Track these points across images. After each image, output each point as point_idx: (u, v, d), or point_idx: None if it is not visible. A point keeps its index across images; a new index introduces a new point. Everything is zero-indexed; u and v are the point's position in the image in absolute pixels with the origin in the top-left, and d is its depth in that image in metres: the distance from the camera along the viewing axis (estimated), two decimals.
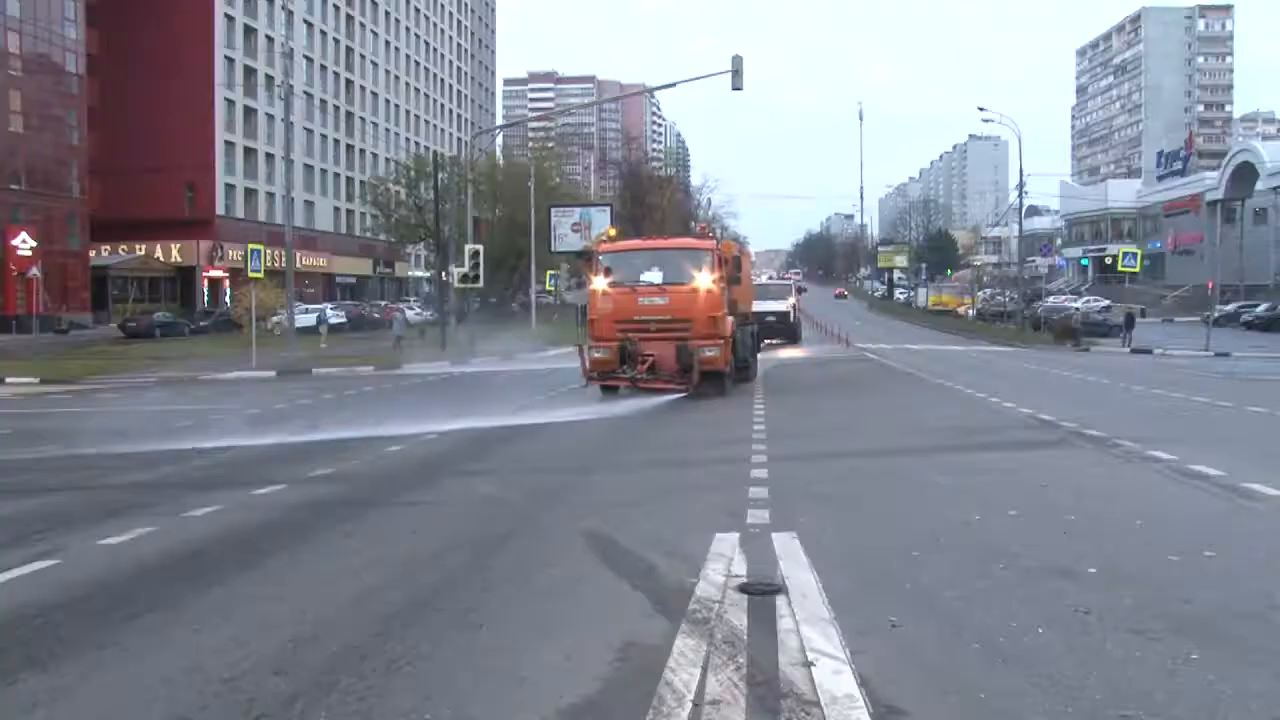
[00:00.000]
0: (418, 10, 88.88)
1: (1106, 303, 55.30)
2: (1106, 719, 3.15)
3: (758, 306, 38.49)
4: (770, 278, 67.57)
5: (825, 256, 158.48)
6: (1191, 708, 3.21)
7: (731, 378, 16.16)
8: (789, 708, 3.23)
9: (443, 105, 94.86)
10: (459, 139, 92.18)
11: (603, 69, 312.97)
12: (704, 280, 15.22)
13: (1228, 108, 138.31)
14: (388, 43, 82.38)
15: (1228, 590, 4.57)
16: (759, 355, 30.32)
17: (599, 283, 15.61)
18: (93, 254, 54.78)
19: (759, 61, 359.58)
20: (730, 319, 15.96)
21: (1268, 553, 5.31)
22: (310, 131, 68.61)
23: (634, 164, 71.63)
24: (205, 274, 59.76)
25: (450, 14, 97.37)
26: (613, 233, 19.09)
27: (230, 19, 60.74)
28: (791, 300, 40.83)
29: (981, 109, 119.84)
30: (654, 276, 15.54)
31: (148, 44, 55.15)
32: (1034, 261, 65.14)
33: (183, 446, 10.38)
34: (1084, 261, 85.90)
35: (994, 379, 20.38)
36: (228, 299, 56.20)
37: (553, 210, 44.50)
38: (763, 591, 4.56)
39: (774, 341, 35.43)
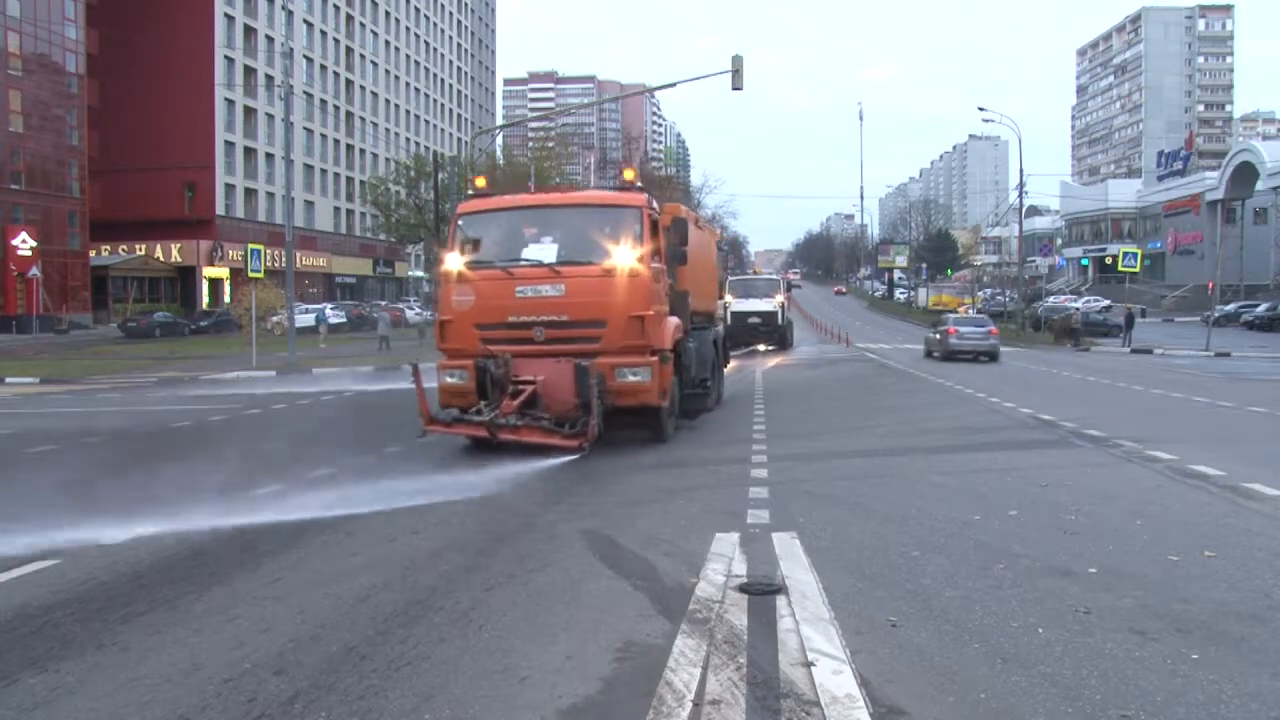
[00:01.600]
0: (418, 10, 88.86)
1: (1106, 302, 55.36)
2: (1107, 719, 3.15)
3: (739, 306, 32.67)
4: (755, 270, 59.59)
5: (825, 256, 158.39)
6: (1191, 708, 3.21)
7: (674, 414, 10.52)
8: (789, 708, 3.23)
9: (443, 105, 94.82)
10: (459, 139, 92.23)
11: (603, 69, 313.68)
12: (625, 258, 9.35)
13: (1228, 108, 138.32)
14: (388, 43, 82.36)
15: (1228, 590, 4.57)
16: (747, 363, 28.80)
17: (453, 262, 9.70)
18: (93, 254, 54.77)
19: (759, 61, 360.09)
20: (673, 321, 10.38)
21: (1268, 553, 5.31)
22: (310, 131, 68.62)
23: (634, 164, 71.66)
24: (204, 273, 59.77)
25: (450, 14, 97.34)
26: (481, 183, 10.92)
27: (230, 19, 60.72)
28: (779, 298, 34.58)
29: (981, 109, 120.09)
30: (543, 253, 9.62)
31: (148, 44, 55.11)
32: (1034, 261, 65.12)
33: None
34: (1084, 261, 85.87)
35: (994, 379, 20.37)
36: (227, 299, 56.25)
37: None
38: (763, 591, 4.56)
39: (759, 348, 32.51)
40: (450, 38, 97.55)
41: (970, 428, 11.75)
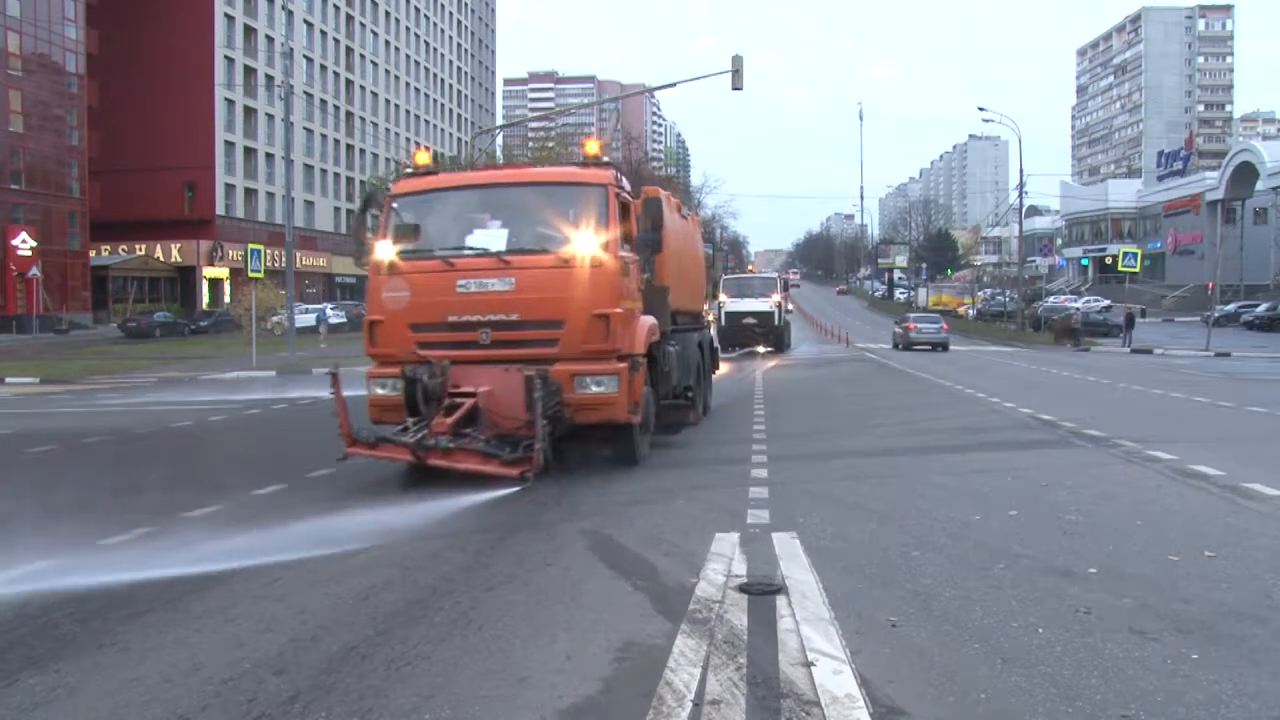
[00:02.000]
0: (418, 10, 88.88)
1: (1106, 303, 55.37)
2: (1107, 719, 3.15)
3: (733, 306, 31.58)
4: (750, 269, 57.21)
5: (825, 256, 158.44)
6: (1191, 708, 3.21)
7: (648, 430, 9.03)
8: (789, 708, 3.23)
9: (443, 105, 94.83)
10: (459, 139, 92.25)
11: (603, 69, 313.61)
12: (587, 245, 7.94)
13: (1228, 108, 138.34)
14: (388, 43, 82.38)
15: (1228, 590, 4.57)
16: (747, 363, 28.10)
17: (383, 252, 8.34)
18: (93, 254, 54.82)
19: (759, 61, 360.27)
20: (647, 321, 8.88)
21: (1268, 553, 5.31)
22: (310, 131, 68.64)
23: (634, 164, 71.56)
24: (204, 273, 59.77)
25: (450, 14, 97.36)
26: (423, 159, 9.29)
27: (230, 19, 60.74)
28: (776, 298, 32.74)
29: (981, 109, 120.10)
30: (490, 239, 8.23)
31: (148, 44, 55.17)
32: (1034, 261, 65.15)
33: None
34: (1084, 261, 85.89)
35: (994, 379, 20.38)
36: (227, 299, 56.25)
37: None
38: (763, 591, 4.56)
39: (754, 350, 31.43)
40: (450, 38, 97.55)
41: (970, 428, 11.75)
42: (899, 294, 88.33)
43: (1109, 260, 66.99)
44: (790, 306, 68.00)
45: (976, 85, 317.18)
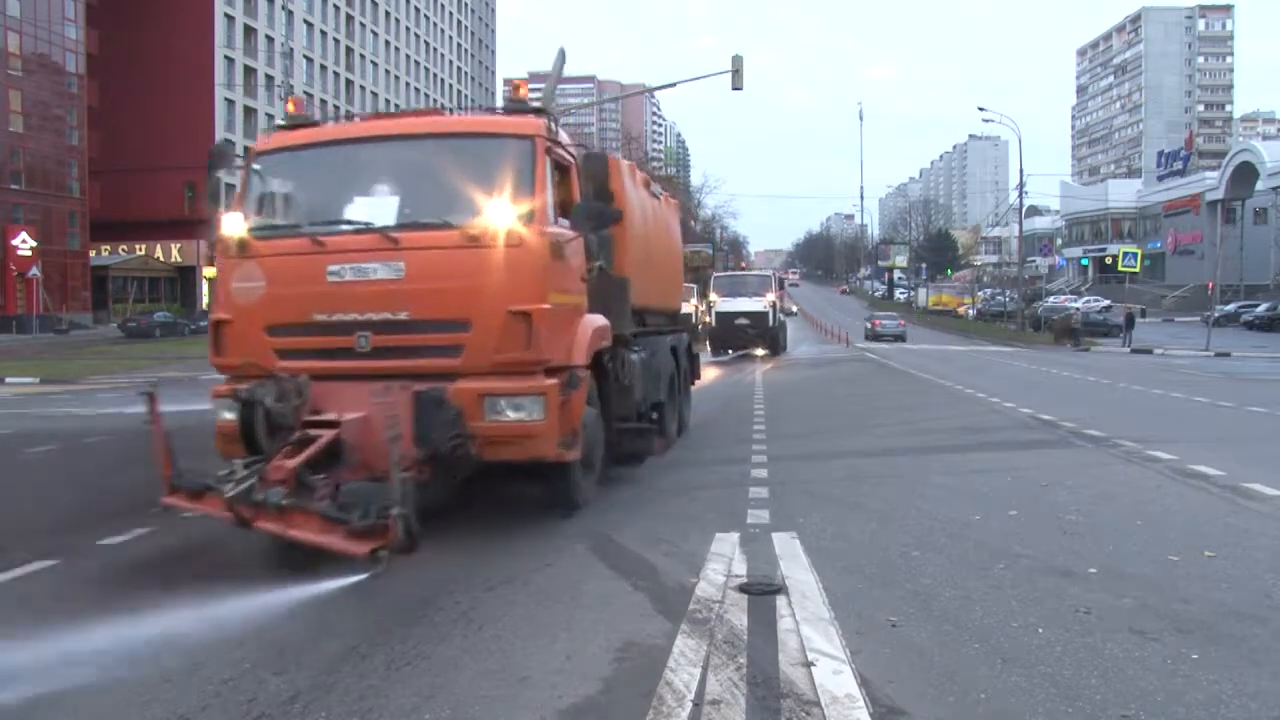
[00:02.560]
0: (418, 10, 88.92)
1: (1106, 303, 55.35)
2: (1107, 719, 3.15)
3: (725, 305, 29.63)
4: (743, 266, 52.62)
5: (825, 256, 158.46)
6: (1191, 708, 3.21)
7: (595, 466, 6.96)
8: (789, 708, 3.23)
9: (443, 105, 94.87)
10: None
11: (603, 69, 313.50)
12: (502, 216, 5.93)
13: (1228, 108, 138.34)
14: (388, 43, 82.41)
15: (1228, 590, 4.57)
16: (745, 364, 27.91)
17: (232, 228, 6.25)
18: (93, 254, 54.85)
19: (759, 61, 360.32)
20: (592, 322, 6.81)
21: (1268, 553, 5.31)
22: None
23: (634, 164, 71.66)
24: (204, 273, 59.76)
25: (450, 14, 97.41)
26: (291, 110, 7.02)
27: (230, 19, 60.77)
28: (770, 297, 30.21)
29: (981, 109, 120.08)
30: (375, 210, 6.22)
31: (148, 44, 55.18)
32: (1034, 261, 65.12)
33: None
34: (1084, 261, 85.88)
35: (994, 379, 20.37)
36: None
37: None
38: (763, 591, 4.56)
39: (747, 353, 29.83)
40: (450, 38, 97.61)
41: (970, 428, 11.75)
42: (899, 294, 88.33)
43: (1109, 260, 67.02)
44: (794, 308, 67.97)
45: (976, 85, 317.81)
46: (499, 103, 14.22)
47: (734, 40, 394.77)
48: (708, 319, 30.17)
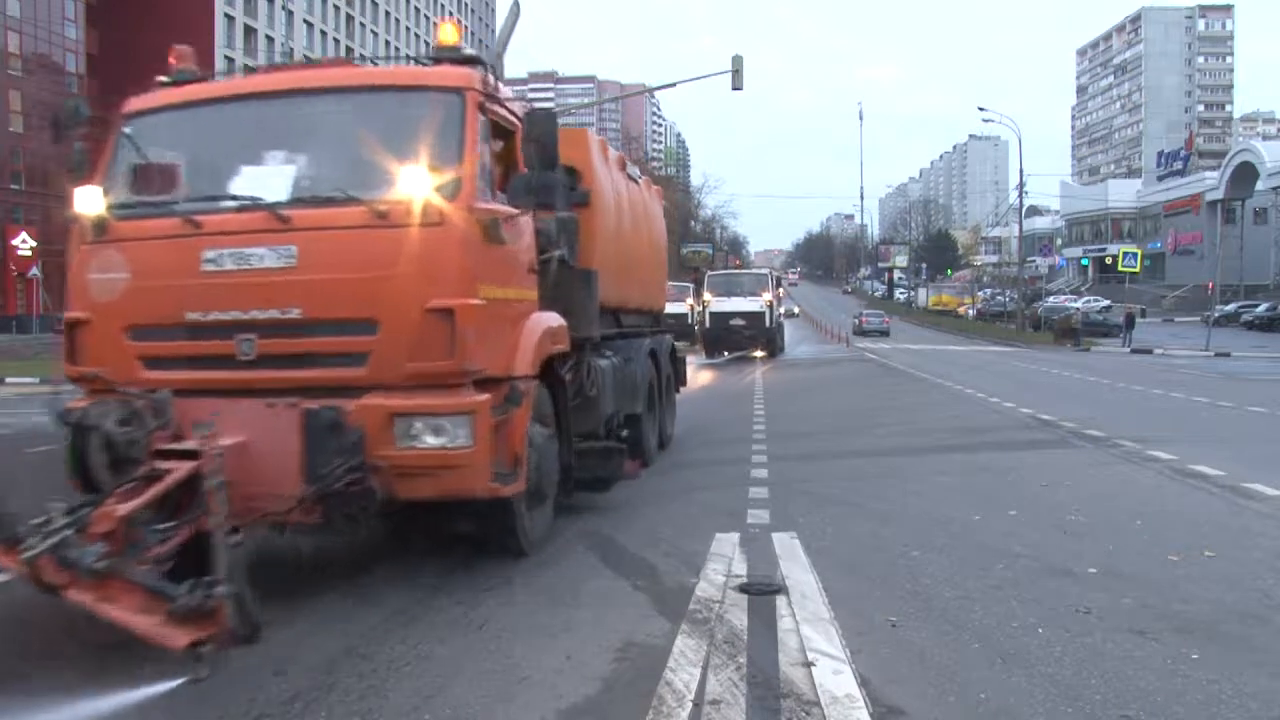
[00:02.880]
0: (418, 10, 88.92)
1: (1106, 303, 55.32)
2: (1106, 719, 3.15)
3: (719, 305, 28.19)
4: (738, 264, 47.82)
5: (825, 256, 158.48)
6: (1191, 708, 3.21)
7: (545, 500, 5.65)
8: (789, 708, 3.23)
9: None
10: None
11: (603, 69, 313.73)
12: (417, 188, 4.59)
13: (1228, 108, 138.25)
14: (388, 42, 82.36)
15: (1228, 590, 4.57)
16: (744, 365, 27.61)
17: (89, 204, 4.96)
18: None
19: (759, 62, 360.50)
20: (542, 321, 5.70)
21: (1268, 553, 5.31)
22: None
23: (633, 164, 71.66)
24: None
25: (450, 14, 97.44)
26: (174, 63, 5.68)
27: (230, 19, 60.78)
28: (767, 297, 28.89)
29: (981, 109, 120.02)
30: (263, 182, 4.92)
31: (148, 44, 55.10)
32: (1034, 261, 65.11)
33: None
34: (1084, 261, 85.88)
35: (994, 379, 20.37)
36: None
37: None
38: (763, 591, 4.56)
39: (743, 355, 28.83)
40: None
41: (970, 428, 11.75)
42: (899, 294, 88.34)
43: (1109, 260, 67.01)
44: (796, 309, 67.58)
45: (976, 85, 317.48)
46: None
47: (734, 40, 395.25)
48: (701, 322, 29.52)
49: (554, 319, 5.80)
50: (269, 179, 4.95)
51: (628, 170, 9.02)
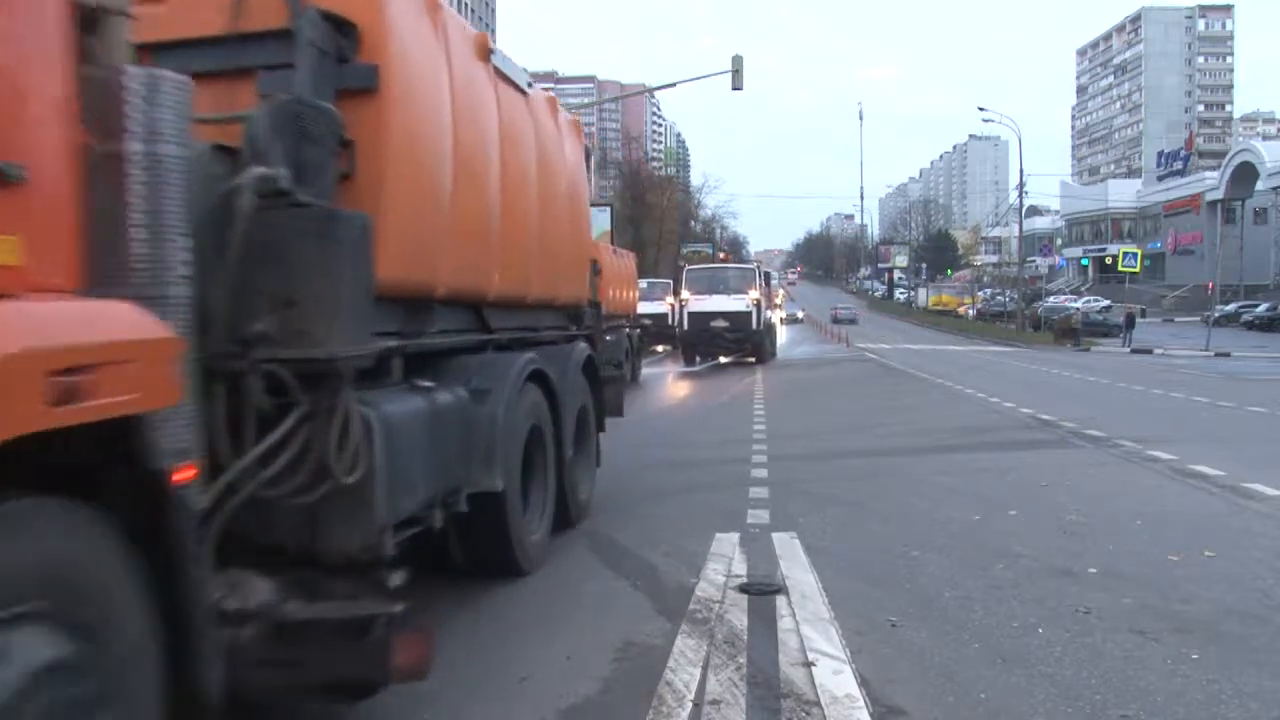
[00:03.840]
0: None
1: (1107, 303, 55.29)
2: (1107, 719, 3.15)
3: (699, 305, 24.33)
4: (724, 258, 40.31)
5: (825, 256, 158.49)
6: (1191, 707, 3.21)
7: None
8: (789, 708, 3.23)
9: None
10: None
11: (603, 69, 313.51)
12: None
13: (1228, 108, 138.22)
14: None
15: (1228, 590, 4.57)
16: (742, 366, 25.89)
17: None
18: None
19: (760, 62, 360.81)
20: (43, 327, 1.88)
21: (1268, 553, 5.31)
22: None
23: (634, 164, 71.51)
24: None
25: None
26: None
27: None
28: (754, 295, 24.91)
29: (981, 109, 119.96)
30: None
31: None
32: (1034, 261, 65.08)
33: None
34: (1084, 261, 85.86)
35: (994, 379, 20.36)
36: None
37: None
38: (763, 591, 4.56)
39: (728, 361, 25.82)
40: None
41: (970, 428, 11.74)
42: (899, 294, 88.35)
43: (1109, 260, 66.96)
44: (801, 313, 66.61)
45: (976, 85, 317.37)
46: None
47: (734, 40, 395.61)
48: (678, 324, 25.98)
49: (135, 319, 2.22)
50: None
51: (497, 65, 5.25)
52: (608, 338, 7.40)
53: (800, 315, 67.26)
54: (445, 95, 4.41)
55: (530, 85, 5.98)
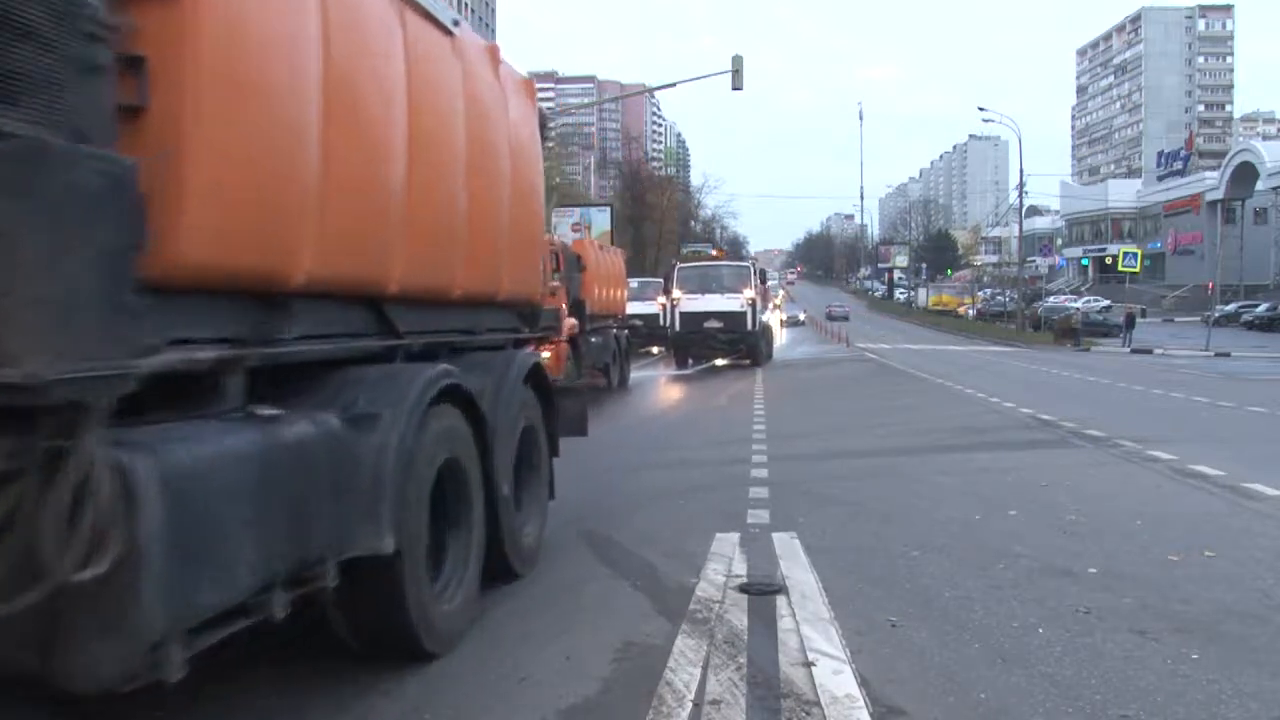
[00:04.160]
0: None
1: (1107, 303, 55.28)
2: (1107, 719, 3.15)
3: (690, 305, 23.31)
4: (718, 254, 38.45)
5: (825, 256, 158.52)
6: (1191, 707, 3.21)
7: None
8: (789, 708, 3.23)
9: None
10: None
11: (603, 69, 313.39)
12: None
13: (1228, 108, 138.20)
14: None
15: (1228, 590, 4.57)
16: (740, 366, 24.05)
17: None
18: None
19: (760, 62, 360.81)
20: None
21: (1268, 553, 5.31)
22: None
23: (634, 164, 71.48)
24: None
25: None
26: None
27: None
28: (749, 294, 23.70)
29: (981, 109, 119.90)
30: None
31: None
32: (1034, 261, 65.06)
33: None
34: (1084, 261, 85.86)
35: (994, 379, 20.36)
36: None
37: (553, 211, 44.51)
38: (763, 591, 4.56)
39: (724, 364, 24.27)
40: None
41: (970, 428, 11.74)
42: (899, 294, 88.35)
43: (1109, 260, 66.95)
44: (802, 315, 66.40)
45: (976, 85, 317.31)
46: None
47: (734, 40, 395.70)
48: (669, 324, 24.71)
49: None
50: None
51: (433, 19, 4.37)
52: (593, 339, 6.44)
53: (802, 317, 67.12)
54: (305, 2, 3.23)
55: (457, 24, 4.67)
